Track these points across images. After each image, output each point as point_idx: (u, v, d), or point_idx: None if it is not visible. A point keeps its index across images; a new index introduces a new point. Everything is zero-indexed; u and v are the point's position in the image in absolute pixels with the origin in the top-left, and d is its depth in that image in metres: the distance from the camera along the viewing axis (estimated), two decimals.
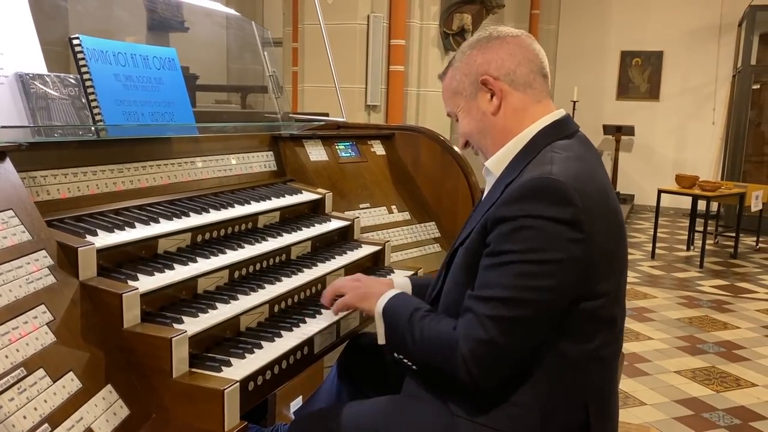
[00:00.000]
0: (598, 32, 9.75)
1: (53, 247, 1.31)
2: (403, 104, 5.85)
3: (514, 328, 1.27)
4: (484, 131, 1.49)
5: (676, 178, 6.81)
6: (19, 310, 1.15)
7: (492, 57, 1.45)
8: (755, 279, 6.05)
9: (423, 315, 1.41)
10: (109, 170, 1.66)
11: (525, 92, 1.45)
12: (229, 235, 1.83)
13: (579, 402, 1.36)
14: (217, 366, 1.33)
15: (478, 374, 1.28)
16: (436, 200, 2.68)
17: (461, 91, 1.49)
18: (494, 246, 1.30)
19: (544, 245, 1.25)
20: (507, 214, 1.29)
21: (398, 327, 1.43)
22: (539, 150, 1.39)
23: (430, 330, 1.37)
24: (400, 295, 1.51)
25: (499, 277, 1.28)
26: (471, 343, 1.28)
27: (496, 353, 1.28)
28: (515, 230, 1.27)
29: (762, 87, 8.64)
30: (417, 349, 1.39)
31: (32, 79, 1.46)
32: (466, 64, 1.48)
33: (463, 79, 1.48)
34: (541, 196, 1.27)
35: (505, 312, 1.26)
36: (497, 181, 1.44)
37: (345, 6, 5.41)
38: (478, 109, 1.47)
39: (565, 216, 1.25)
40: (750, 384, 3.67)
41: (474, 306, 1.30)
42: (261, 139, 2.28)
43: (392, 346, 1.46)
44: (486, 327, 1.27)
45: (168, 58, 1.84)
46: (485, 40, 1.48)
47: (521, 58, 1.45)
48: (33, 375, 1.10)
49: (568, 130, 1.44)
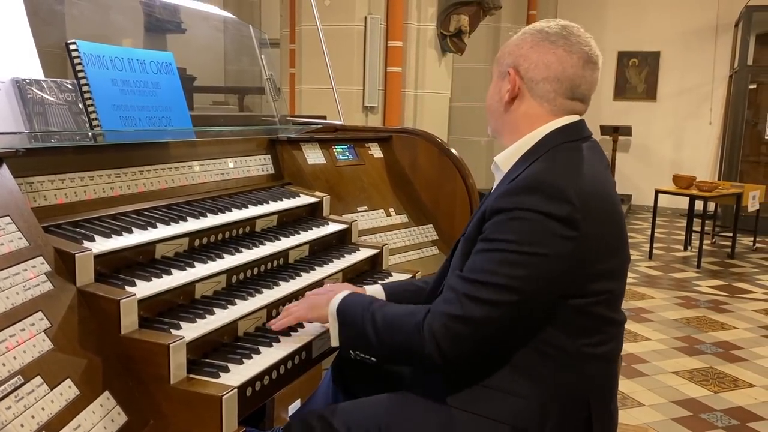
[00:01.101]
0: (594, 33, 9.49)
1: (50, 254, 1.31)
2: (401, 106, 5.85)
3: (490, 310, 1.30)
4: (493, 113, 1.53)
5: (673, 178, 6.82)
6: (16, 318, 1.15)
7: (532, 56, 1.43)
8: (752, 279, 6.06)
9: (381, 304, 1.45)
10: (106, 175, 1.66)
11: (541, 104, 1.45)
12: (227, 240, 1.83)
13: (580, 398, 1.38)
14: (215, 372, 1.33)
15: (447, 348, 1.31)
16: (434, 203, 2.68)
17: (500, 63, 1.51)
18: (488, 233, 1.34)
19: (534, 238, 1.28)
20: (504, 205, 1.32)
21: (355, 319, 1.45)
22: (546, 150, 1.40)
23: (393, 312, 1.41)
24: (352, 294, 1.53)
25: (486, 262, 1.32)
26: (445, 317, 1.31)
27: (467, 330, 1.31)
28: (509, 221, 1.31)
29: (759, 87, 8.66)
30: (378, 334, 1.40)
31: (29, 85, 1.46)
32: (515, 45, 1.48)
33: (505, 56, 1.49)
34: (539, 191, 1.29)
35: (484, 294, 1.30)
36: (504, 178, 1.47)
37: (342, 7, 5.40)
38: (499, 90, 1.50)
39: (560, 213, 1.28)
40: (748, 384, 3.68)
41: (457, 284, 1.34)
42: (258, 142, 2.28)
43: (349, 342, 1.48)
44: (463, 304, 1.31)
45: (165, 63, 1.84)
46: (543, 36, 1.43)
47: (552, 75, 1.42)
48: (30, 383, 1.10)
49: (579, 134, 1.45)
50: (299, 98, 5.69)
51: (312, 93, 5.53)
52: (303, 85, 5.64)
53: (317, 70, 5.25)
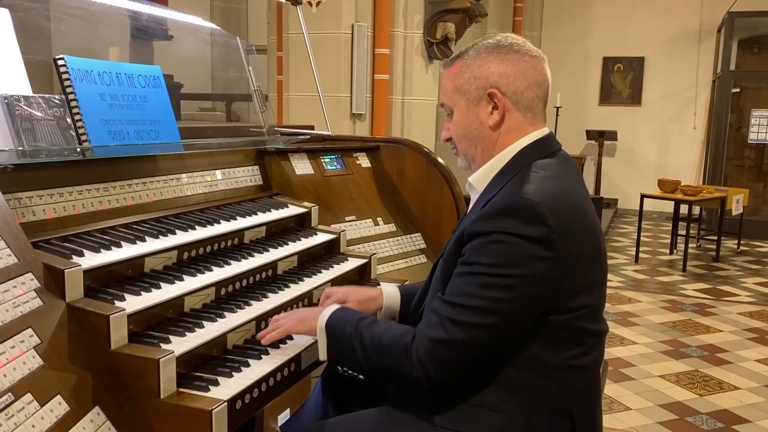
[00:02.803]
0: (580, 39, 9.85)
1: (40, 270, 1.31)
2: (388, 112, 5.88)
3: (473, 333, 1.32)
4: (476, 140, 1.48)
5: (658, 182, 6.89)
6: (6, 335, 1.15)
7: (506, 71, 1.43)
8: (737, 282, 6.13)
9: (370, 322, 1.46)
10: (94, 189, 1.66)
11: (524, 115, 1.46)
12: (216, 252, 1.84)
13: (564, 410, 1.40)
14: (204, 386, 1.34)
15: (433, 372, 1.33)
16: (422, 211, 2.70)
17: (465, 91, 1.47)
18: (467, 257, 1.36)
19: (512, 260, 1.30)
20: (481, 229, 1.33)
21: (344, 336, 1.46)
22: (520, 168, 1.42)
23: (381, 333, 1.41)
24: (341, 309, 1.54)
25: (466, 285, 1.34)
26: (430, 342, 1.33)
27: (452, 353, 1.33)
28: (487, 244, 1.32)
29: (742, 91, 8.78)
30: (366, 353, 1.41)
31: (17, 101, 1.47)
32: (479, 67, 1.45)
33: (471, 81, 1.46)
34: (514, 214, 1.31)
35: (467, 317, 1.31)
36: (480, 197, 1.48)
37: (329, 15, 5.43)
38: (477, 117, 1.47)
39: (536, 234, 1.29)
40: (732, 387, 3.73)
41: (439, 308, 1.36)
42: (246, 153, 2.29)
43: (337, 357, 1.49)
44: (447, 328, 1.32)
45: (153, 76, 1.85)
46: (503, 49, 1.45)
47: (532, 81, 1.45)
48: (21, 400, 1.11)
49: (550, 148, 1.47)
50: (287, 106, 5.70)
51: (300, 100, 5.55)
52: (291, 92, 5.66)
53: (305, 78, 5.26)
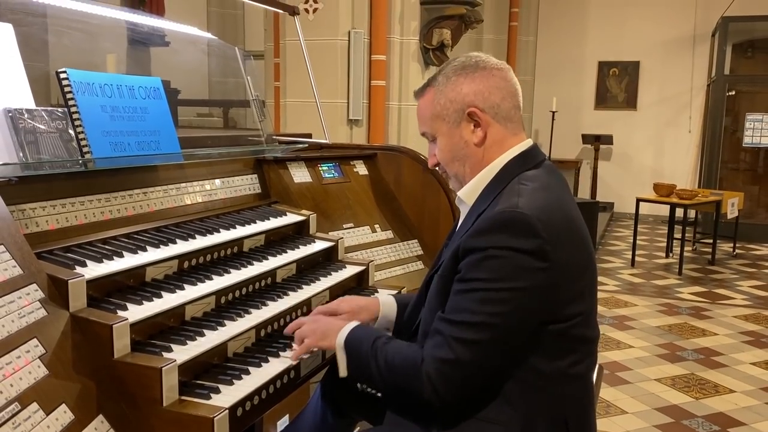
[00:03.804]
0: (575, 43, 9.91)
1: (43, 280, 1.33)
2: (385, 118, 5.91)
3: (479, 350, 1.34)
4: (463, 159, 1.52)
5: (654, 186, 6.93)
6: (12, 345, 1.18)
7: (479, 88, 1.48)
8: (732, 285, 6.17)
9: (385, 341, 1.47)
10: (96, 200, 1.69)
11: (505, 126, 1.50)
12: (216, 261, 1.87)
13: (558, 418, 1.42)
14: (206, 393, 1.36)
15: (444, 392, 1.35)
16: (419, 218, 2.73)
17: (444, 116, 1.51)
18: (464, 273, 1.38)
19: (509, 274, 1.33)
20: (476, 245, 1.36)
21: (360, 355, 1.48)
22: (508, 181, 1.45)
23: (394, 353, 1.43)
24: (359, 327, 1.56)
25: (467, 302, 1.35)
26: (438, 363, 1.35)
27: (461, 372, 1.35)
28: (483, 260, 1.34)
29: (736, 95, 8.83)
30: (381, 373, 1.44)
31: (21, 114, 1.50)
32: (452, 90, 1.49)
33: (448, 105, 1.50)
34: (508, 228, 1.34)
35: (471, 335, 1.33)
36: (470, 211, 1.51)
37: (326, 22, 5.46)
38: (461, 137, 1.50)
39: (530, 247, 1.32)
40: (728, 390, 3.75)
41: (442, 328, 1.37)
42: (245, 162, 2.32)
43: (356, 375, 1.52)
44: (453, 347, 1.34)
45: (153, 88, 1.88)
46: (471, 69, 1.50)
47: (505, 93, 1.49)
48: (27, 409, 1.13)
49: (535, 159, 1.51)
50: (284, 112, 5.73)
51: (297, 107, 5.58)
52: (288, 98, 5.68)
53: (302, 84, 5.29)
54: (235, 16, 9.38)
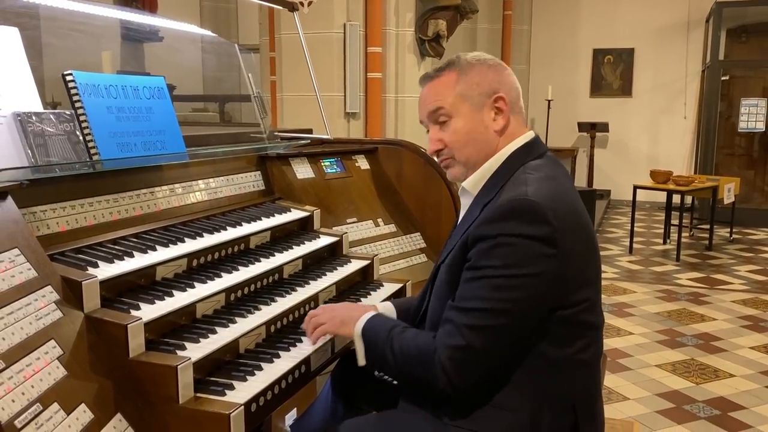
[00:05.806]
0: (569, 31, 9.91)
1: (58, 282, 1.35)
2: (382, 110, 5.92)
3: (491, 337, 1.37)
4: (478, 144, 1.53)
5: (650, 173, 6.96)
6: (31, 347, 1.20)
7: (504, 80, 1.55)
8: (730, 270, 6.21)
9: (401, 330, 1.50)
10: (104, 201, 1.70)
11: (517, 119, 1.56)
12: (223, 258, 1.88)
13: (567, 404, 1.45)
14: (221, 390, 1.39)
15: (457, 380, 1.37)
16: (421, 211, 2.75)
17: (469, 97, 1.52)
18: (474, 261, 1.40)
19: (520, 261, 1.35)
20: (486, 233, 1.38)
21: (377, 344, 1.51)
22: (513, 171, 1.48)
23: (409, 342, 1.46)
24: (376, 316, 1.59)
25: (478, 289, 1.38)
26: (450, 351, 1.38)
27: (473, 359, 1.38)
28: (494, 247, 1.37)
29: (731, 80, 8.86)
30: (397, 362, 1.47)
31: (29, 118, 1.51)
32: (479, 74, 1.53)
33: (474, 87, 1.52)
34: (517, 216, 1.36)
35: (482, 321, 1.36)
36: (474, 201, 1.54)
37: (321, 15, 5.44)
38: (482, 122, 1.52)
39: (540, 234, 1.35)
40: (728, 375, 3.80)
41: (454, 316, 1.40)
42: (248, 159, 2.34)
43: (373, 363, 1.55)
44: (464, 335, 1.37)
45: (157, 87, 1.89)
46: (491, 62, 1.56)
47: (518, 91, 1.58)
48: (48, 409, 1.15)
49: (538, 150, 1.55)
50: (281, 106, 5.73)
51: (294, 101, 5.57)
52: (285, 92, 5.68)
53: (299, 78, 5.29)
54: (228, 10, 9.35)
